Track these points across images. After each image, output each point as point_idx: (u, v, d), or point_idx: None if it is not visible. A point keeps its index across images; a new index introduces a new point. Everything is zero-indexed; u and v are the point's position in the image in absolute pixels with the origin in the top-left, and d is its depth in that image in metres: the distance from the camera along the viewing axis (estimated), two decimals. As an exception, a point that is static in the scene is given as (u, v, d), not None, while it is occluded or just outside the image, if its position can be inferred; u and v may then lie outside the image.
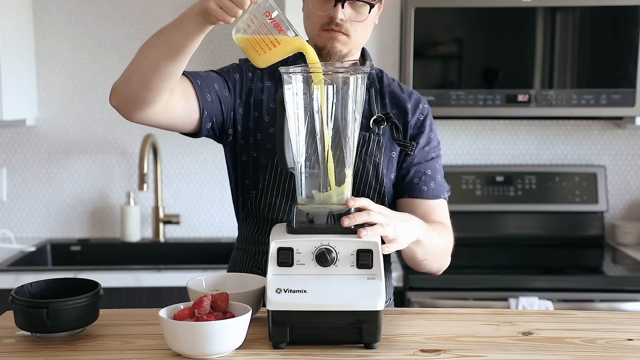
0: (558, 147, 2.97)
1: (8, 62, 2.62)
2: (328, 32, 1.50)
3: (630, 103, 2.55)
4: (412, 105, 1.61)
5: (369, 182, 1.56)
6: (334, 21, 1.48)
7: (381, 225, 1.28)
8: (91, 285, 1.32)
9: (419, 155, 1.60)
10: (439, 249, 1.51)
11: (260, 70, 1.59)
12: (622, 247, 2.83)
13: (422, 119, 1.61)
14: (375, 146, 1.55)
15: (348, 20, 1.49)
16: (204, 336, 1.13)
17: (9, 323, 1.32)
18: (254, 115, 1.58)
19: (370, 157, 1.55)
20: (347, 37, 1.51)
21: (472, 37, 2.64)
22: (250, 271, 1.59)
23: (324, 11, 1.50)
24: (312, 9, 1.52)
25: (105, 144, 2.95)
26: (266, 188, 1.56)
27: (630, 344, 1.25)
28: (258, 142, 1.57)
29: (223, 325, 1.14)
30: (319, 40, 1.52)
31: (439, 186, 1.61)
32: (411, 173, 1.59)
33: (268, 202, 1.56)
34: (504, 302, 2.34)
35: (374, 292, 1.20)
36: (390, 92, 1.62)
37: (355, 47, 1.55)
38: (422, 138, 1.61)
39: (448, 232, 1.58)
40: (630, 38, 2.52)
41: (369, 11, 1.50)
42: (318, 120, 1.28)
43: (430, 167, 1.61)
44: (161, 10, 2.92)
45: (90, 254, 2.86)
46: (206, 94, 1.50)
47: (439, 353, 1.20)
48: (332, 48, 1.51)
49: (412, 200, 1.59)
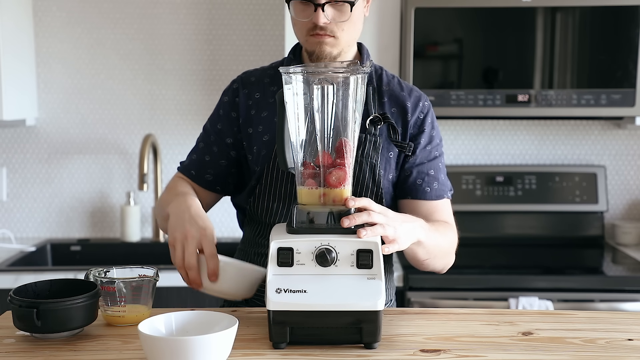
0: (558, 147, 2.97)
1: (8, 62, 2.63)
2: (314, 36, 1.49)
3: (630, 103, 2.55)
4: (412, 103, 1.59)
5: (365, 184, 1.54)
6: (318, 25, 1.47)
7: (381, 225, 1.27)
8: (93, 287, 1.31)
9: (421, 155, 1.58)
10: (441, 248, 1.50)
11: (246, 89, 1.62)
12: (622, 247, 2.83)
13: (423, 118, 1.59)
14: (372, 147, 1.54)
15: (332, 22, 1.47)
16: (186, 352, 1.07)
17: (9, 323, 1.32)
18: (248, 131, 1.60)
19: (367, 158, 1.54)
20: (334, 38, 1.49)
21: (472, 37, 2.64)
22: None
23: (306, 17, 1.48)
24: (294, 17, 1.51)
25: (105, 144, 2.95)
26: (262, 193, 1.57)
27: (630, 344, 1.25)
28: (256, 154, 1.59)
29: (205, 340, 1.08)
30: (308, 46, 1.52)
31: (442, 186, 1.60)
32: (414, 174, 1.58)
33: (265, 207, 1.57)
34: (504, 302, 2.34)
35: (374, 292, 1.20)
36: (389, 91, 1.60)
37: (347, 46, 1.54)
38: (424, 137, 1.58)
39: (451, 231, 1.57)
40: (630, 38, 2.52)
41: (350, 9, 1.47)
42: (318, 120, 1.28)
43: (433, 167, 1.59)
44: (161, 10, 2.92)
45: (90, 254, 2.86)
46: (205, 175, 1.63)
47: (439, 353, 1.20)
48: (321, 52, 1.50)
49: (415, 202, 1.58)
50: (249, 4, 2.92)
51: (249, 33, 2.94)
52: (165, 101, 2.95)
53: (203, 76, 2.94)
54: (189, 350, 1.07)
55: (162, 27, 2.92)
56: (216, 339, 1.09)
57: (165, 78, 2.94)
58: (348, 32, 1.50)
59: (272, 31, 2.93)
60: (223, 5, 2.91)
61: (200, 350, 1.08)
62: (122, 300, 1.33)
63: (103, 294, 1.33)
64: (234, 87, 1.64)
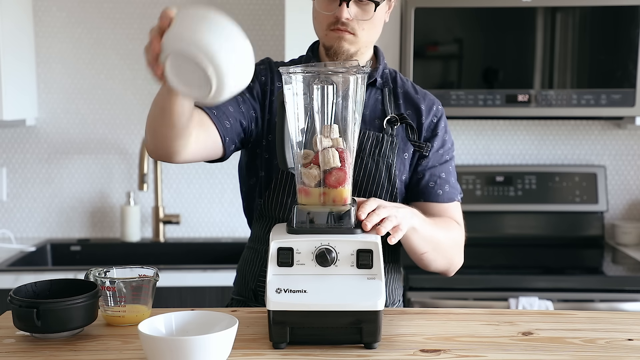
0: (558, 147, 2.97)
1: (8, 62, 2.62)
2: (335, 31, 1.51)
3: (630, 103, 2.55)
4: (427, 106, 1.62)
5: (381, 183, 1.56)
6: (340, 20, 1.49)
7: (388, 218, 1.30)
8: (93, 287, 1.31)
9: (433, 159, 1.61)
10: (439, 241, 1.51)
11: (271, 72, 1.60)
12: (622, 247, 2.83)
13: (436, 122, 1.62)
14: (389, 147, 1.56)
15: (354, 19, 1.50)
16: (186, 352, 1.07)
17: (9, 323, 1.32)
18: (267, 118, 1.58)
19: (384, 158, 1.55)
20: (353, 36, 1.51)
21: (472, 37, 2.64)
22: (260, 271, 1.59)
23: (330, 11, 1.50)
24: (318, 10, 1.53)
25: (105, 144, 2.95)
26: (277, 187, 1.57)
27: (630, 344, 1.25)
28: (270, 144, 1.57)
29: (205, 340, 1.08)
30: (326, 40, 1.54)
31: (452, 189, 1.62)
32: (426, 177, 1.60)
33: (279, 202, 1.57)
34: (504, 302, 2.34)
35: (374, 292, 1.20)
36: (404, 93, 1.63)
37: (364, 46, 1.55)
38: (437, 141, 1.61)
39: (456, 230, 1.58)
40: (630, 38, 2.52)
41: (374, 9, 1.50)
42: (318, 120, 1.28)
43: (444, 170, 1.62)
44: (161, 10, 2.91)
45: (90, 254, 2.86)
46: (224, 121, 1.49)
47: (439, 353, 1.20)
48: (340, 47, 1.51)
49: (427, 204, 1.60)
50: (249, 4, 2.92)
51: (249, 33, 2.90)
52: (165, 101, 2.94)
53: (203, 76, 2.94)
54: (189, 350, 1.07)
55: (162, 27, 2.92)
56: (216, 339, 1.09)
57: (165, 78, 2.94)
58: (368, 32, 1.53)
59: (272, 31, 2.92)
60: (223, 6, 2.91)
61: (200, 350, 1.08)
62: (122, 300, 1.33)
63: (103, 294, 1.33)
64: (261, 67, 1.61)
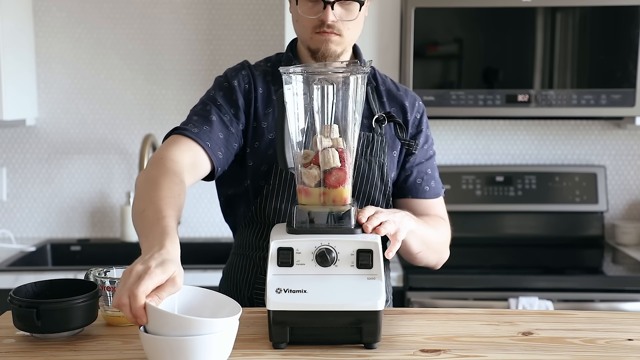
0: (558, 147, 2.97)
1: (8, 62, 2.63)
2: (320, 34, 1.49)
3: (630, 103, 2.55)
4: (410, 103, 1.62)
5: (375, 183, 1.56)
6: (326, 23, 1.47)
7: (387, 221, 1.29)
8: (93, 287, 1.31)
9: (419, 155, 1.61)
10: (432, 240, 1.51)
11: (253, 78, 1.57)
12: (622, 247, 2.83)
13: (420, 117, 1.62)
14: (379, 146, 1.56)
15: (339, 20, 1.48)
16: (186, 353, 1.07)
17: (9, 323, 1.32)
18: (252, 125, 1.55)
19: (376, 157, 1.55)
20: (339, 37, 1.50)
21: (472, 37, 2.64)
22: (255, 278, 1.58)
23: (314, 14, 1.48)
24: (301, 14, 1.50)
25: (105, 144, 2.95)
26: (271, 194, 1.54)
27: (630, 344, 1.25)
28: (256, 150, 1.55)
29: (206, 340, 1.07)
30: (312, 43, 1.51)
31: (438, 184, 1.64)
32: (414, 174, 1.60)
33: (273, 208, 1.54)
34: (504, 302, 2.34)
35: (374, 292, 1.20)
36: (386, 90, 1.62)
37: (349, 45, 1.55)
38: (421, 137, 1.62)
39: (444, 226, 1.59)
40: (630, 38, 2.52)
41: (359, 9, 1.48)
42: (318, 120, 1.28)
43: (430, 166, 1.63)
44: (161, 10, 2.92)
45: (90, 254, 2.86)
46: (217, 152, 1.46)
47: (439, 353, 1.20)
48: (327, 50, 1.50)
49: (414, 200, 1.60)
50: (249, 4, 2.92)
51: (249, 33, 2.94)
52: (165, 101, 2.94)
53: (203, 76, 2.94)
54: (189, 351, 1.07)
55: (162, 27, 2.92)
56: (216, 339, 1.09)
57: (165, 78, 2.94)
58: (353, 30, 1.52)
59: (272, 31, 2.92)
60: (223, 5, 2.91)
61: (201, 351, 1.08)
62: None
63: (103, 294, 1.33)
64: (243, 73, 1.57)
